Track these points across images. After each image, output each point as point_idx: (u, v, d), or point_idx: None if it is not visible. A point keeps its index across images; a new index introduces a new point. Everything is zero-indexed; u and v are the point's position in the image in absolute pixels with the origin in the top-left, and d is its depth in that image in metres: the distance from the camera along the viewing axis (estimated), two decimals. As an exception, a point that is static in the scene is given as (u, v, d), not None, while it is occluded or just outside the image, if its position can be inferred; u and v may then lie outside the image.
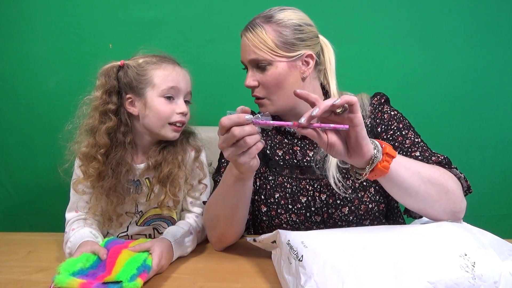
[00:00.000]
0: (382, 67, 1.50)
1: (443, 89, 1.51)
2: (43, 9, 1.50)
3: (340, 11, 1.45)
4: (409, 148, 0.97)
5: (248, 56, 0.97)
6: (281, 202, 1.03)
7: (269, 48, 0.95)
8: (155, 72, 0.99)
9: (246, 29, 0.98)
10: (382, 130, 1.02)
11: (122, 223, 1.05)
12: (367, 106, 1.04)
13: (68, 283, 0.74)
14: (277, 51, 0.95)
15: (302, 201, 1.02)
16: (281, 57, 0.95)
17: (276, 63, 0.95)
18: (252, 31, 0.96)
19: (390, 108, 1.06)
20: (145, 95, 0.99)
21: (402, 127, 1.01)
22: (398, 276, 0.65)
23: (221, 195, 0.92)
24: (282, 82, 0.97)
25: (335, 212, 1.00)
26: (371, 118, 1.04)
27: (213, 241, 0.99)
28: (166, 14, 1.49)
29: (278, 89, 0.97)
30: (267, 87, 0.97)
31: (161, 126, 0.99)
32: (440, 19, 1.49)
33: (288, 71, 0.97)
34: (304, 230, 0.93)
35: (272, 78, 0.96)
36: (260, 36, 0.95)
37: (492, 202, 1.56)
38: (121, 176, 0.99)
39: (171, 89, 0.99)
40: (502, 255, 0.71)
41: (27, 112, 1.56)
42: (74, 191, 1.02)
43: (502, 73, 1.51)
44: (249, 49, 0.96)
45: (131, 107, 1.00)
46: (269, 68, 0.96)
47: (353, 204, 0.99)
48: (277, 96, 0.98)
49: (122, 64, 1.01)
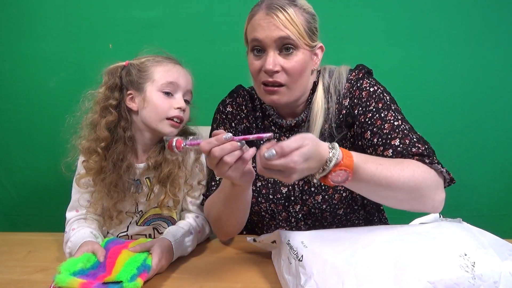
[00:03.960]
0: (382, 67, 1.50)
1: (443, 89, 1.51)
2: (43, 9, 1.50)
3: (340, 11, 1.45)
4: (388, 135, 0.90)
5: (277, 34, 0.88)
6: (263, 191, 1.03)
7: (298, 31, 0.89)
8: (155, 68, 1.01)
9: (272, 8, 0.89)
10: (359, 112, 0.95)
11: (122, 221, 1.05)
12: (343, 83, 0.99)
13: (68, 282, 0.74)
14: (304, 37, 0.90)
15: (283, 191, 1.02)
16: (305, 45, 0.91)
17: (302, 49, 0.91)
18: (282, 10, 0.88)
19: (369, 83, 0.97)
20: (145, 89, 1.00)
21: (381, 107, 0.93)
22: (398, 276, 0.65)
23: (221, 200, 0.91)
24: (303, 71, 0.93)
25: (309, 199, 0.99)
26: (349, 98, 0.97)
27: (218, 235, 1.03)
28: (166, 14, 1.49)
29: (299, 78, 0.92)
30: (291, 74, 0.91)
31: (159, 120, 0.99)
32: (440, 19, 1.49)
33: (308, 60, 0.93)
34: (281, 220, 0.98)
35: (298, 65, 0.91)
36: (291, 16, 0.88)
37: (492, 202, 1.56)
38: (122, 171, 1.00)
39: (170, 84, 1.00)
40: (502, 255, 0.71)
41: (27, 112, 1.56)
42: (77, 186, 1.02)
43: (502, 73, 1.51)
44: (278, 28, 0.88)
45: (131, 102, 1.02)
46: (295, 54, 0.90)
47: (327, 193, 0.98)
48: (297, 85, 0.93)
49: (127, 64, 1.03)
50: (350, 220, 1.05)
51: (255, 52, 0.93)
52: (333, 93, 0.98)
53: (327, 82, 1.00)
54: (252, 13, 0.93)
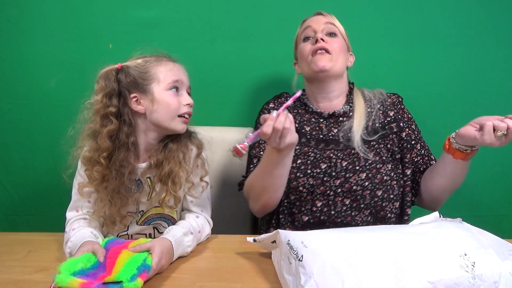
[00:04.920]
0: (382, 67, 1.50)
1: (443, 89, 1.51)
2: (43, 9, 1.50)
3: (340, 11, 1.45)
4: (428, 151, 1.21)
5: (327, 20, 1.19)
6: (301, 167, 1.11)
7: (341, 28, 1.20)
8: (157, 68, 1.01)
9: (321, 12, 1.22)
10: (405, 126, 1.18)
11: (125, 225, 1.05)
12: (385, 97, 1.22)
13: (68, 283, 0.74)
14: (344, 36, 1.21)
15: (322, 167, 1.10)
16: (344, 38, 1.21)
17: (341, 38, 1.19)
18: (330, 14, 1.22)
19: (407, 110, 1.23)
20: (152, 90, 1.00)
21: (418, 130, 1.22)
22: (398, 276, 0.65)
23: (266, 170, 1.01)
24: (342, 53, 1.17)
25: (352, 176, 1.08)
26: (393, 111, 1.20)
27: (256, 209, 1.12)
28: (166, 14, 1.49)
29: (340, 54, 1.16)
30: (334, 48, 1.15)
31: (171, 118, 1.01)
32: (440, 19, 1.48)
33: (345, 50, 1.19)
34: (319, 193, 1.09)
35: (340, 44, 1.17)
36: (336, 20, 1.21)
37: (492, 202, 1.55)
38: (125, 178, 0.99)
39: (176, 82, 1.02)
40: (502, 255, 0.71)
41: (27, 112, 1.56)
42: (79, 195, 1.02)
43: (502, 73, 1.50)
44: (327, 19, 1.19)
45: (138, 105, 1.01)
46: (338, 38, 1.18)
47: (371, 172, 1.09)
48: (339, 58, 1.15)
49: (120, 67, 1.02)
50: (384, 209, 1.10)
51: (305, 40, 1.19)
52: (375, 102, 1.20)
53: (368, 94, 1.23)
54: (304, 19, 1.23)
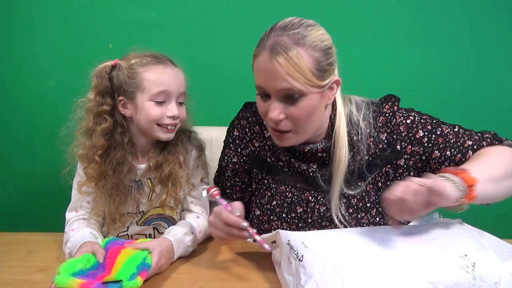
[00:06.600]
0: (383, 67, 1.50)
1: (444, 89, 1.51)
2: (43, 9, 1.50)
3: (341, 11, 1.45)
4: (457, 142, 0.92)
5: (279, 85, 0.82)
6: (276, 209, 0.99)
7: (305, 78, 0.81)
8: (145, 75, 0.96)
9: (275, 51, 0.81)
10: (404, 146, 0.93)
11: (124, 223, 1.05)
12: (377, 117, 0.95)
13: (68, 283, 0.74)
14: (313, 80, 0.82)
15: (298, 211, 0.98)
16: (315, 87, 0.83)
17: (310, 94, 0.83)
18: (285, 55, 0.80)
19: (403, 116, 0.95)
20: (136, 98, 0.97)
21: (431, 128, 0.93)
22: (398, 276, 0.65)
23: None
24: (312, 114, 0.86)
25: (329, 226, 0.95)
26: (386, 132, 0.94)
27: None
28: (166, 14, 1.49)
29: (307, 122, 0.87)
30: (296, 121, 0.86)
31: (152, 128, 0.98)
32: (441, 19, 1.49)
33: (318, 101, 0.86)
34: None
35: (304, 112, 0.85)
36: (296, 63, 0.80)
37: (492, 202, 1.55)
38: (123, 175, 0.99)
39: (161, 93, 0.96)
40: (502, 256, 0.71)
41: (27, 112, 1.56)
42: (78, 193, 1.02)
43: (503, 73, 1.51)
44: (279, 77, 0.81)
45: (124, 109, 0.99)
46: (302, 100, 0.83)
47: (350, 224, 0.94)
48: (304, 128, 0.89)
49: (115, 63, 0.99)
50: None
51: (261, 95, 0.89)
52: (364, 127, 0.93)
53: (356, 116, 0.94)
54: (256, 52, 0.86)
